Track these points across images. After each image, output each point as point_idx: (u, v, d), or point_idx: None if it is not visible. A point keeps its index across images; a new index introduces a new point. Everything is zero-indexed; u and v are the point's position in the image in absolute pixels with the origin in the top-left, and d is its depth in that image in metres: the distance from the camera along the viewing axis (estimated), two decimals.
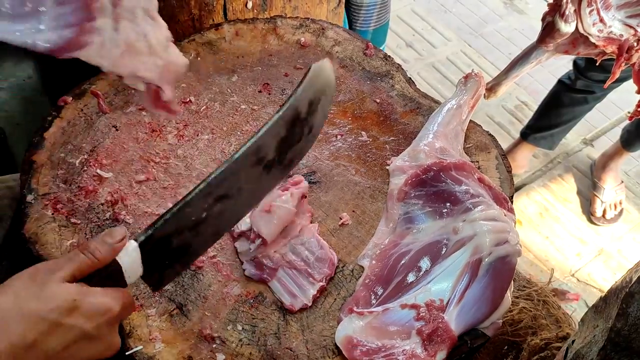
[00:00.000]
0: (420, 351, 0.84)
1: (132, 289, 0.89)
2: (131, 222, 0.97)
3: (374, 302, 0.90)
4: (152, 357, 0.83)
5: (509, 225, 0.93)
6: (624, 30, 1.08)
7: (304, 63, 1.26)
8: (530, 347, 1.07)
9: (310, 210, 1.01)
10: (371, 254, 0.97)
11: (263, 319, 0.89)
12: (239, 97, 1.19)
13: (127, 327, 0.85)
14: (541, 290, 1.18)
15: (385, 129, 1.17)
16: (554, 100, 2.33)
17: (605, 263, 2.35)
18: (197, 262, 0.93)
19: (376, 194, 1.06)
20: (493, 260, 0.89)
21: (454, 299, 0.88)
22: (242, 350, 0.85)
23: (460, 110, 1.14)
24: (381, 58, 1.29)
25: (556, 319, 1.13)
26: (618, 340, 0.65)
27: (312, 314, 0.90)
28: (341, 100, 1.20)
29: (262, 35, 1.30)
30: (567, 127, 2.40)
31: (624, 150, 2.40)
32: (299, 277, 0.93)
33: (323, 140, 1.13)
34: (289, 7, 1.43)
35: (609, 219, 2.45)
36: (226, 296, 0.91)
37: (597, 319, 0.74)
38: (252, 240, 0.93)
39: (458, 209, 0.96)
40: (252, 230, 0.93)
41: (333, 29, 1.33)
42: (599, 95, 2.23)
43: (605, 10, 1.07)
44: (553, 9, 1.09)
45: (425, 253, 0.94)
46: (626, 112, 2.83)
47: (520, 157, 2.51)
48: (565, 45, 1.13)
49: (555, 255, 2.35)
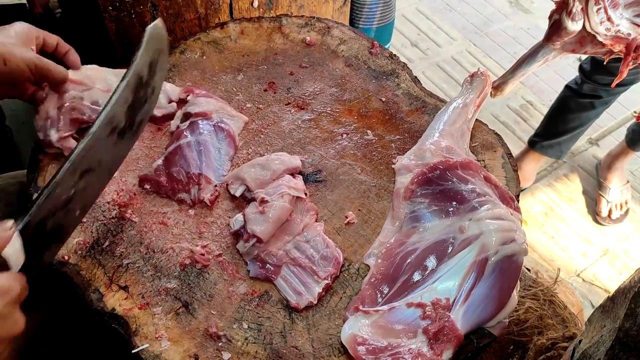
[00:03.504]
0: (426, 350, 0.83)
1: (137, 286, 0.89)
2: (137, 220, 0.97)
3: (379, 301, 0.90)
4: (158, 356, 0.83)
5: (515, 224, 0.92)
6: (631, 29, 1.08)
7: (310, 62, 1.26)
8: (536, 347, 1.07)
9: (315, 208, 1.01)
10: (377, 253, 0.97)
11: (269, 318, 0.89)
12: (244, 95, 1.19)
13: (133, 325, 0.85)
14: (547, 289, 1.17)
15: (391, 127, 1.16)
16: (561, 106, 2.31)
17: (610, 263, 2.34)
18: (202, 261, 0.93)
19: (382, 193, 1.06)
20: (499, 259, 0.88)
21: (460, 298, 0.88)
22: (247, 349, 0.85)
23: (466, 109, 1.13)
24: (387, 57, 1.29)
25: (562, 318, 1.13)
26: (626, 340, 0.65)
27: (317, 312, 0.90)
28: (347, 98, 1.20)
29: (267, 34, 1.30)
30: (574, 135, 2.38)
31: (629, 149, 2.39)
32: (304, 275, 0.93)
33: (328, 139, 1.13)
34: (295, 6, 1.43)
35: (615, 219, 2.44)
36: (232, 295, 0.91)
37: (605, 319, 0.74)
38: (246, 240, 0.93)
39: (464, 208, 0.96)
40: (245, 229, 0.94)
41: (338, 27, 1.33)
42: (606, 100, 2.22)
43: (612, 8, 1.06)
44: (560, 7, 1.08)
45: (432, 252, 0.94)
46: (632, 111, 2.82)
47: (527, 169, 2.48)
48: (572, 44, 1.13)
49: (561, 255, 2.34)
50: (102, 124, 0.77)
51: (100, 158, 0.79)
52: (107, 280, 0.89)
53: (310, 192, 1.04)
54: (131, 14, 1.23)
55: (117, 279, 0.90)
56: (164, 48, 0.88)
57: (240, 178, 1.01)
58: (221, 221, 0.99)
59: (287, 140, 1.12)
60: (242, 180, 1.00)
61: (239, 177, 1.01)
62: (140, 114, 0.85)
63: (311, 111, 1.17)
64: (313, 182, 1.06)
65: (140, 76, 0.82)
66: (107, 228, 0.96)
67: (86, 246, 0.93)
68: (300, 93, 1.20)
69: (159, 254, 0.94)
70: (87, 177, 0.76)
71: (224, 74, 1.22)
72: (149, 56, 0.84)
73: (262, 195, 0.96)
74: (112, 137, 0.79)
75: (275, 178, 1.00)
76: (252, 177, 1.00)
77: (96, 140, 0.76)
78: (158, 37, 0.86)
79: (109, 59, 1.28)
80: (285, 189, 0.97)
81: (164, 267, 0.92)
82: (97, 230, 0.95)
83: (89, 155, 0.76)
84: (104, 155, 0.79)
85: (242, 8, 1.36)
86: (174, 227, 0.98)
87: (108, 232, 0.95)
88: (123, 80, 0.80)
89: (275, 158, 1.04)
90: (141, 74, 0.82)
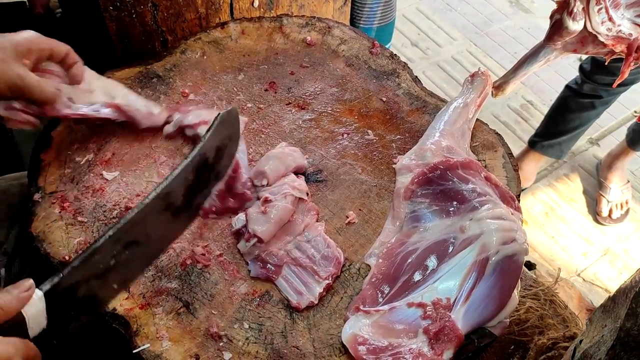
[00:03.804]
0: (427, 350, 0.83)
1: (138, 286, 0.89)
2: None
3: (380, 301, 0.90)
4: (159, 355, 0.83)
5: (516, 224, 0.92)
6: (633, 29, 1.07)
7: (310, 61, 1.26)
8: (537, 347, 1.07)
9: (316, 208, 1.01)
10: (378, 253, 0.97)
11: (270, 318, 0.89)
12: (245, 95, 1.19)
13: (134, 325, 0.85)
14: (548, 289, 1.17)
15: (391, 127, 1.16)
16: (561, 106, 2.31)
17: (611, 263, 2.34)
18: (203, 261, 0.93)
19: (382, 193, 1.06)
20: (500, 259, 0.88)
21: (461, 297, 0.88)
22: (248, 349, 0.85)
23: (466, 109, 1.13)
24: (387, 56, 1.29)
25: (563, 318, 1.13)
26: (627, 340, 0.64)
27: (318, 312, 0.90)
28: (347, 98, 1.20)
29: (268, 33, 1.30)
30: (574, 135, 2.38)
31: (630, 149, 2.39)
32: (305, 275, 0.93)
33: (329, 139, 1.13)
34: (296, 6, 1.43)
35: (615, 219, 2.44)
36: (233, 294, 0.91)
37: (606, 318, 0.74)
38: (247, 239, 0.93)
39: (465, 208, 0.96)
40: (246, 228, 0.93)
41: (339, 27, 1.33)
42: (606, 100, 2.22)
43: (614, 8, 1.06)
44: (561, 7, 1.08)
45: (432, 252, 0.94)
46: (632, 111, 2.82)
47: (528, 169, 2.48)
48: (574, 43, 1.12)
49: (561, 254, 2.34)
50: (156, 197, 0.73)
51: (150, 232, 0.74)
52: None
53: (311, 192, 1.04)
54: (132, 14, 1.23)
55: None
56: (234, 136, 0.85)
57: (262, 172, 0.99)
58: (221, 221, 0.99)
59: (288, 140, 1.12)
60: (263, 174, 0.99)
61: (261, 171, 1.00)
62: (199, 196, 0.81)
63: (312, 111, 1.17)
64: (314, 182, 1.06)
65: (205, 158, 0.79)
66: (108, 228, 0.95)
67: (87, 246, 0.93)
68: (300, 93, 1.20)
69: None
70: (131, 249, 0.71)
71: (225, 74, 1.22)
72: (217, 140, 0.81)
73: (266, 195, 0.96)
74: (165, 214, 0.76)
75: (286, 174, 1.00)
76: (271, 170, 0.99)
77: (147, 213, 0.72)
78: (230, 124, 0.83)
79: (110, 59, 1.28)
80: (289, 189, 0.97)
81: (164, 267, 0.92)
82: (98, 230, 0.95)
83: (136, 227, 0.71)
84: (153, 231, 0.75)
85: (242, 8, 1.36)
86: None
87: None
88: (186, 159, 0.77)
89: (289, 153, 1.04)
90: (206, 156, 0.79)
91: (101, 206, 0.98)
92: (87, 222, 0.96)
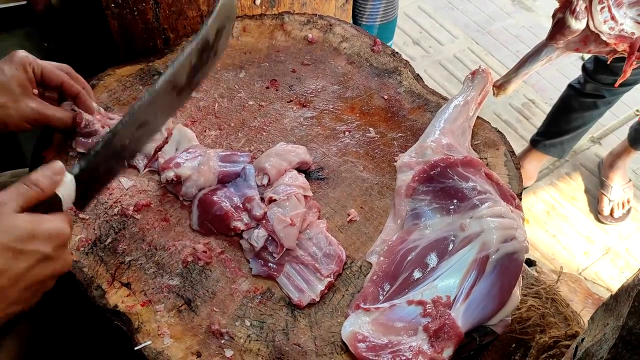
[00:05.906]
0: (426, 348, 0.83)
1: (140, 284, 0.89)
2: (139, 217, 0.97)
3: (381, 299, 0.90)
4: (161, 352, 0.83)
5: (516, 222, 0.92)
6: (635, 28, 1.07)
7: (312, 59, 1.26)
8: (538, 345, 1.07)
9: (318, 206, 1.01)
10: (379, 250, 0.97)
11: (271, 315, 0.89)
12: (246, 93, 1.19)
13: (136, 322, 0.85)
14: (549, 288, 1.17)
15: (393, 125, 1.16)
16: (564, 106, 2.31)
17: (612, 262, 2.34)
18: (205, 258, 0.93)
19: (384, 190, 1.06)
20: (500, 257, 0.88)
21: (461, 295, 0.88)
22: (250, 346, 0.85)
23: (467, 107, 1.13)
24: (389, 54, 1.28)
25: (565, 317, 1.13)
26: (630, 339, 0.64)
27: (320, 310, 0.90)
28: (349, 96, 1.20)
29: (269, 31, 1.30)
30: (577, 135, 2.38)
31: (631, 148, 2.39)
32: (306, 272, 0.93)
33: (331, 136, 1.13)
34: (297, 4, 1.43)
35: (617, 218, 2.44)
36: (234, 292, 0.91)
37: (608, 317, 0.74)
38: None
39: (465, 206, 0.96)
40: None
41: (341, 25, 1.33)
42: (609, 100, 2.21)
43: (616, 7, 1.06)
44: (564, 6, 1.08)
45: (432, 249, 0.94)
46: (634, 110, 2.81)
47: (530, 168, 2.48)
48: (576, 42, 1.12)
49: (563, 253, 2.34)
50: (166, 81, 0.80)
51: (157, 112, 0.83)
52: (110, 277, 0.90)
53: (313, 190, 1.04)
54: (133, 11, 1.23)
55: (119, 276, 0.90)
56: (232, 16, 0.92)
57: (262, 168, 1.00)
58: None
59: (289, 138, 1.12)
60: (263, 170, 0.99)
61: (261, 167, 1.00)
62: (199, 75, 0.88)
63: (313, 109, 1.17)
64: (315, 180, 1.06)
65: (207, 40, 0.85)
66: (109, 225, 0.96)
67: (88, 243, 0.93)
68: (302, 90, 1.20)
69: (161, 251, 0.94)
70: (142, 129, 0.81)
71: (226, 72, 1.22)
72: (218, 23, 0.87)
73: (270, 195, 0.96)
74: (171, 94, 0.83)
75: (287, 169, 1.01)
76: (272, 166, 0.99)
77: (157, 96, 0.80)
78: (228, 7, 0.89)
79: (111, 57, 1.28)
80: (295, 189, 0.97)
81: (166, 264, 0.92)
82: (99, 228, 0.95)
83: (148, 109, 0.80)
84: (160, 110, 0.84)
85: (244, 5, 1.36)
86: (176, 224, 0.98)
87: (110, 230, 0.95)
88: (191, 43, 0.83)
89: (291, 150, 1.04)
90: (208, 39, 0.86)
91: (102, 203, 0.98)
92: (88, 219, 0.96)
